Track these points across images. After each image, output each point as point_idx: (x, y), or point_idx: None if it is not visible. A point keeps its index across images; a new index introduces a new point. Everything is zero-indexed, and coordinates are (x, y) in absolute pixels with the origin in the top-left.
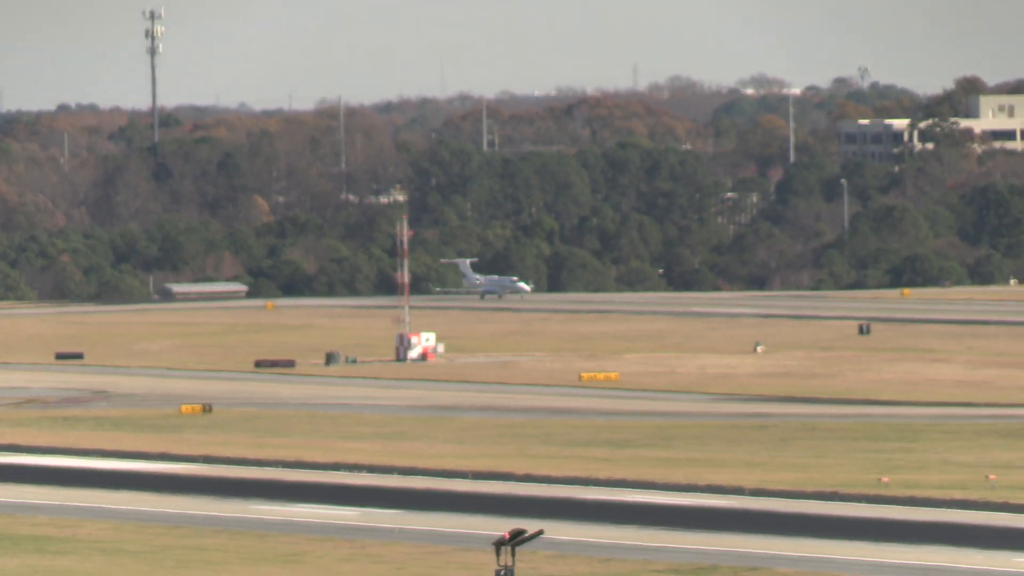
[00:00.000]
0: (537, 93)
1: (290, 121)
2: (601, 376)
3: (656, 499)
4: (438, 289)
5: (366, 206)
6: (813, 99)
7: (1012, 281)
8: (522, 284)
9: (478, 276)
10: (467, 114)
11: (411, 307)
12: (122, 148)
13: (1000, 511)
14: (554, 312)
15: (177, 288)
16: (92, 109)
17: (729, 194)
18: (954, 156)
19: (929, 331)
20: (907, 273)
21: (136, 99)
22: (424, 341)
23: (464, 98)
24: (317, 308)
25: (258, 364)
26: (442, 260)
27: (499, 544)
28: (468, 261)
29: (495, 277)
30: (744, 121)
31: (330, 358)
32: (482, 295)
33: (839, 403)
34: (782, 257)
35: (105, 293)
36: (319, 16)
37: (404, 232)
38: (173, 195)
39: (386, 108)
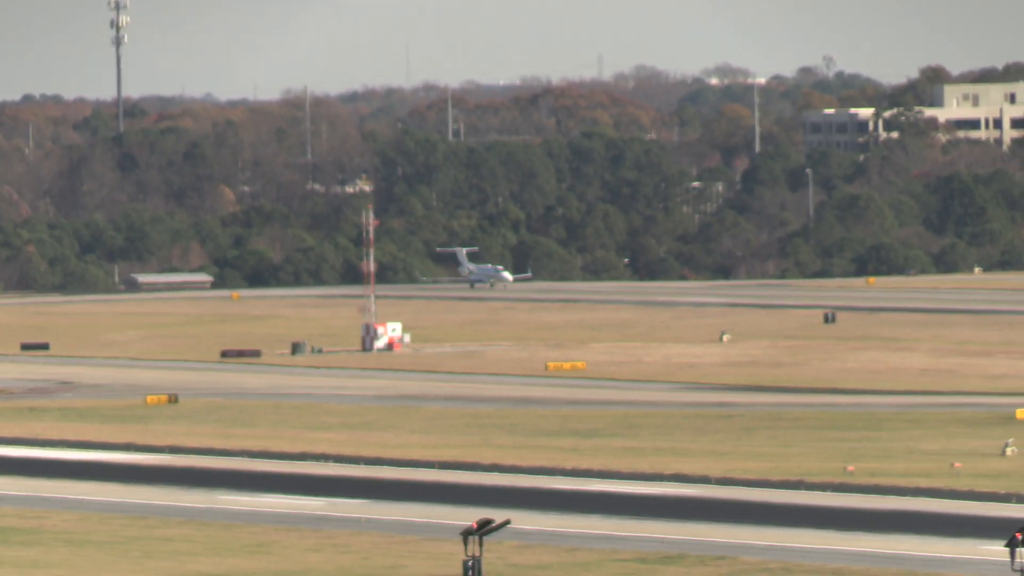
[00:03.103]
0: (502, 83)
1: (256, 111)
2: (567, 365)
3: (622, 488)
4: (426, 279)
5: (332, 196)
6: (778, 88)
7: (977, 270)
8: (505, 273)
9: (471, 265)
10: (432, 104)
11: (377, 297)
12: (87, 138)
13: (965, 499)
14: (520, 301)
15: (143, 278)
16: (57, 99)
17: (694, 183)
18: (919, 145)
19: (894, 320)
20: (872, 262)
21: (101, 89)
22: (390, 331)
23: (429, 88)
24: (283, 298)
25: (224, 354)
26: (438, 249)
27: (466, 534)
28: (465, 250)
29: (488, 266)
30: (709, 111)
31: (296, 348)
32: (472, 284)
33: (805, 392)
34: (748, 246)
35: (70, 284)
36: (284, 6)
37: (370, 222)
38: (139, 185)
39: (352, 98)
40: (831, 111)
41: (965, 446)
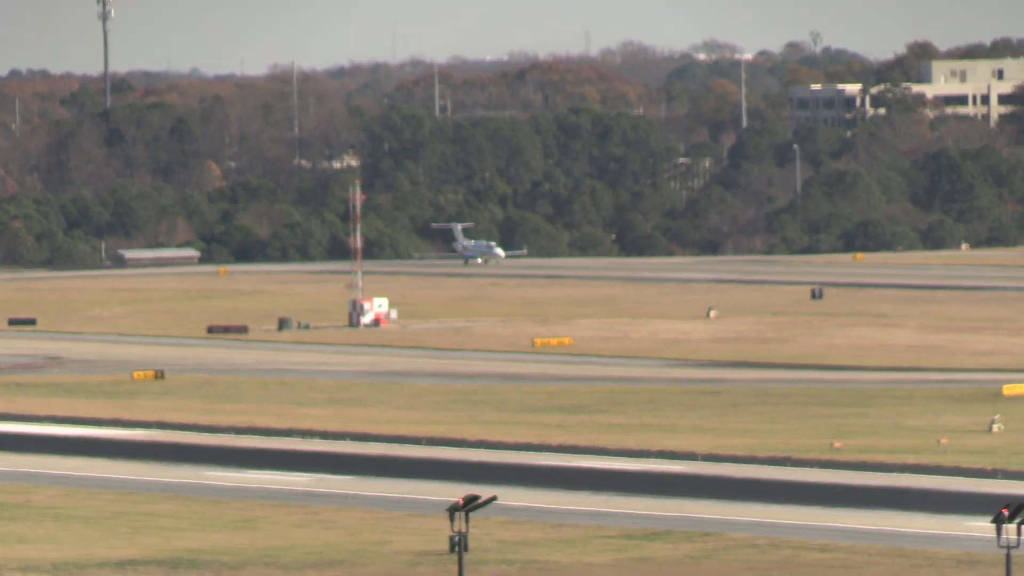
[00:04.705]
0: (489, 58)
1: (242, 86)
2: (554, 342)
3: (609, 465)
4: (418, 255)
5: (319, 171)
6: (765, 64)
7: (964, 246)
8: (498, 250)
9: (465, 240)
10: (419, 79)
11: (364, 272)
12: (74, 114)
13: (951, 475)
14: (507, 277)
15: (129, 254)
16: (44, 75)
17: (681, 159)
18: (906, 121)
19: (881, 296)
20: (859, 238)
21: (88, 65)
22: (377, 307)
23: (416, 63)
24: (270, 273)
25: (211, 330)
26: (433, 225)
27: (453, 510)
28: (460, 226)
29: (482, 242)
30: (696, 86)
31: (283, 324)
32: (466, 260)
33: (792, 368)
34: (735, 222)
35: (57, 259)
36: None
37: (357, 197)
38: (126, 160)
39: (338, 73)
40: (818, 87)
41: (952, 422)
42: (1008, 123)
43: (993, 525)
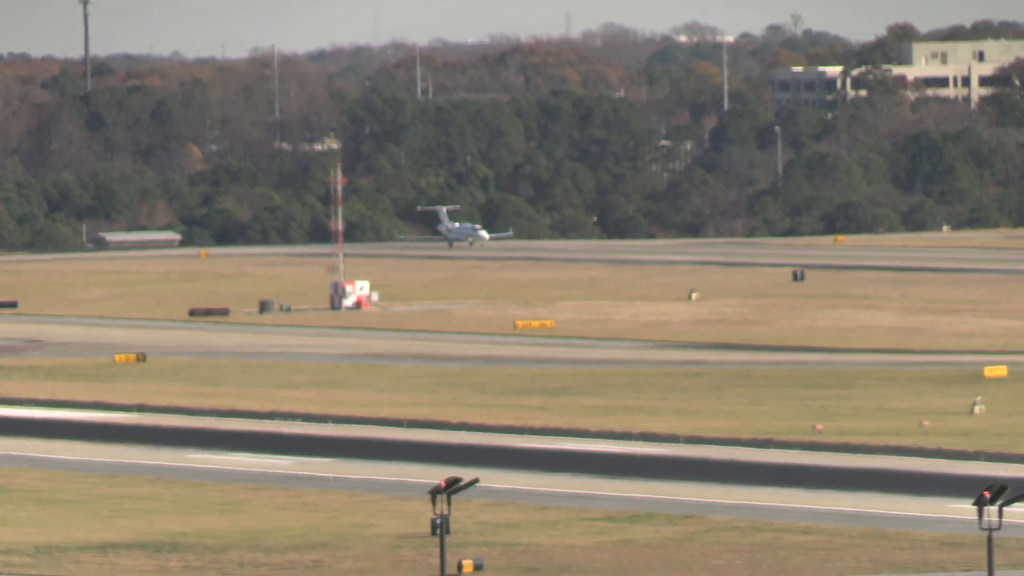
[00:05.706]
0: (470, 41)
1: (224, 70)
2: (536, 324)
3: (591, 447)
4: (402, 237)
5: (300, 154)
6: (747, 47)
7: (945, 228)
8: (483, 232)
9: (450, 223)
10: (400, 62)
11: (345, 255)
12: (55, 97)
13: (933, 457)
14: (488, 260)
15: (111, 237)
16: (24, 58)
17: (663, 142)
18: (887, 103)
19: (863, 278)
20: (841, 220)
21: (69, 48)
22: (359, 289)
23: (397, 46)
24: (251, 256)
25: (192, 313)
26: (418, 208)
27: (435, 492)
28: (445, 209)
29: (467, 225)
30: (677, 69)
31: (264, 306)
32: (451, 243)
33: (774, 350)
34: (716, 204)
35: (38, 242)
36: None
37: (338, 180)
38: (107, 144)
39: (319, 56)
40: (799, 69)
41: (934, 404)
42: (989, 105)
43: (975, 507)
